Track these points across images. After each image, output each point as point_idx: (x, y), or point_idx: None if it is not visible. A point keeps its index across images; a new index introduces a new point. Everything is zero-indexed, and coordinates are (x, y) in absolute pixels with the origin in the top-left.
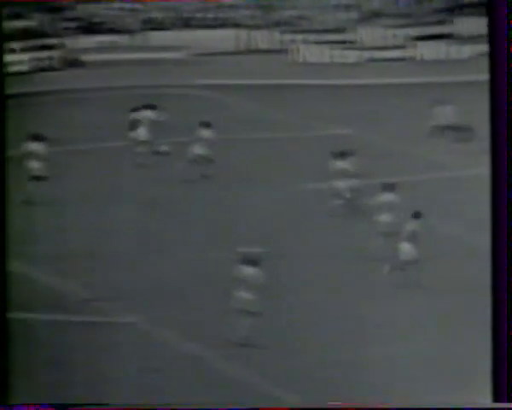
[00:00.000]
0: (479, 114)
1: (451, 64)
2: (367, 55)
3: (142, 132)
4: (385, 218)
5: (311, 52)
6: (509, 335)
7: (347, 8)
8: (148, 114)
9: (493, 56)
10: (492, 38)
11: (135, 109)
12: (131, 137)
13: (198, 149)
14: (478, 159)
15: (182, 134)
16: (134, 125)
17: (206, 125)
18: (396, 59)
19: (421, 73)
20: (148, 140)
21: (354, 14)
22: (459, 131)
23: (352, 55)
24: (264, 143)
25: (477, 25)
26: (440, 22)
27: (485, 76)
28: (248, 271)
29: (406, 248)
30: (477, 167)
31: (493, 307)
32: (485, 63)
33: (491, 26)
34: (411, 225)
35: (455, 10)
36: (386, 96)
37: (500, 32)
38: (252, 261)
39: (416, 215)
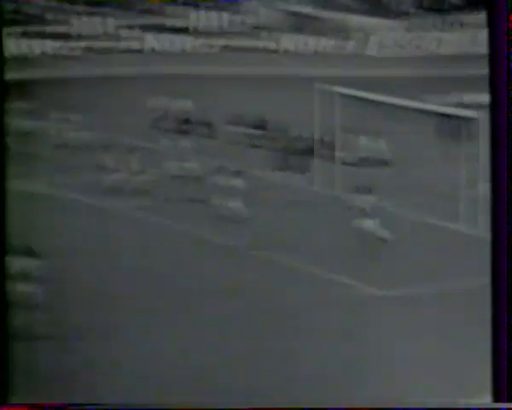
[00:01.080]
0: (216, 109)
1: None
2: (82, 45)
3: None
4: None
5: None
6: (509, 335)
7: None
8: None
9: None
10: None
11: None
12: None
13: None
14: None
15: None
16: None
17: None
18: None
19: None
20: None
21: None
22: (196, 126)
23: (64, 47)
24: None
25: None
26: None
27: (220, 70)
28: (26, 262)
29: (370, 224)
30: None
31: (493, 307)
32: (227, 57)
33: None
34: (366, 201)
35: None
36: (107, 88)
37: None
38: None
39: (367, 191)
